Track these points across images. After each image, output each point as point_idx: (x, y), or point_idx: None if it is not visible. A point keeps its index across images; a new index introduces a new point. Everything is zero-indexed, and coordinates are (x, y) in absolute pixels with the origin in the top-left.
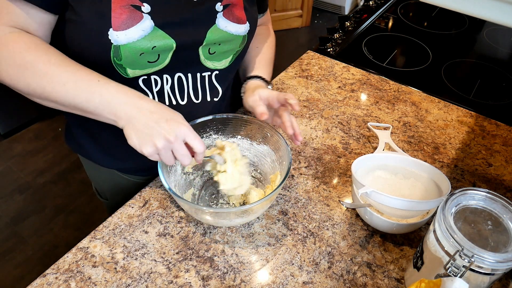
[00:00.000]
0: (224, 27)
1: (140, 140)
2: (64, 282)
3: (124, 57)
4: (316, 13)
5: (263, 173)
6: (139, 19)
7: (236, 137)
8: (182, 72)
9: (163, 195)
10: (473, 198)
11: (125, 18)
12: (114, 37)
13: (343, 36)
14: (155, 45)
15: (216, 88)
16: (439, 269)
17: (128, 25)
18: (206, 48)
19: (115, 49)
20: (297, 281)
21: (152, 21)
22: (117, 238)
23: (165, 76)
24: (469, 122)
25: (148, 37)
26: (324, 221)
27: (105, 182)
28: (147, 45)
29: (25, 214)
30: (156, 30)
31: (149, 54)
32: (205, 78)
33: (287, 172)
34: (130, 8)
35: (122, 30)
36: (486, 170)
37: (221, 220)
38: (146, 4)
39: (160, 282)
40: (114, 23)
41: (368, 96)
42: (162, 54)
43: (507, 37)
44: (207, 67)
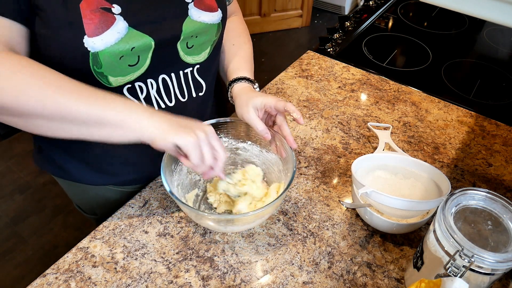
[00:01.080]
0: (198, 18)
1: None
2: (64, 282)
3: (104, 63)
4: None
5: (269, 181)
6: (111, 21)
7: (247, 142)
8: (165, 73)
9: (163, 195)
10: (473, 198)
11: (97, 22)
12: (91, 44)
13: (343, 36)
14: (133, 46)
15: (200, 83)
16: (439, 269)
17: (102, 29)
18: (184, 43)
19: (94, 56)
20: (297, 281)
21: (125, 22)
22: (117, 238)
23: (149, 81)
24: (469, 122)
25: (125, 39)
26: (324, 221)
27: (94, 199)
28: (125, 47)
29: (25, 214)
30: (131, 30)
31: (129, 57)
32: (187, 75)
33: (290, 181)
34: (100, 11)
35: (97, 35)
36: (486, 170)
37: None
38: (115, 5)
39: (160, 282)
40: (88, 29)
41: (368, 96)
42: (142, 55)
43: (507, 37)
44: (187, 63)
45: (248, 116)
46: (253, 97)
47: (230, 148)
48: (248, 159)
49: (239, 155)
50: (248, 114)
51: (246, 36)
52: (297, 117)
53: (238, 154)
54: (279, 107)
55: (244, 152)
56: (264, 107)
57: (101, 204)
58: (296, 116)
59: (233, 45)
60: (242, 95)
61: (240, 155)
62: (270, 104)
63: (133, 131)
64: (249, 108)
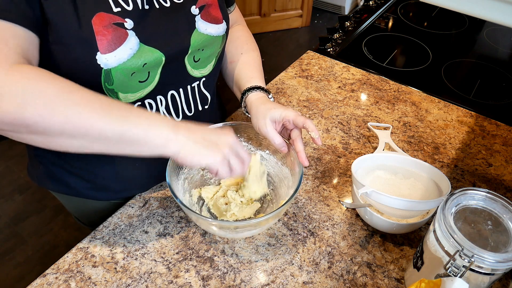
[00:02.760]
0: (205, 30)
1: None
2: (64, 282)
3: (116, 80)
4: (316, 13)
5: (277, 195)
6: (124, 37)
7: (265, 151)
8: (174, 89)
9: (163, 195)
10: (473, 198)
11: (110, 39)
12: (104, 61)
13: (343, 36)
14: (145, 62)
15: (206, 96)
16: (439, 269)
17: (115, 45)
18: (191, 57)
19: (106, 73)
20: (297, 281)
21: (137, 38)
22: (117, 238)
23: (159, 98)
24: (469, 122)
25: (137, 55)
26: (324, 221)
27: (95, 212)
28: (137, 63)
29: (25, 214)
30: (142, 46)
31: (140, 73)
32: (194, 89)
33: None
34: (113, 27)
35: (110, 52)
36: (486, 170)
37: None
38: (128, 19)
39: (160, 282)
40: (100, 46)
41: (368, 96)
42: (152, 71)
43: (507, 37)
44: (194, 77)
45: (265, 130)
46: (271, 109)
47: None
48: None
49: None
50: (266, 127)
51: (253, 44)
52: (316, 137)
53: None
54: (298, 123)
55: (261, 160)
56: (282, 120)
57: (101, 217)
58: (314, 136)
59: (241, 54)
60: (259, 106)
61: None
62: (289, 117)
63: (157, 148)
64: (267, 121)
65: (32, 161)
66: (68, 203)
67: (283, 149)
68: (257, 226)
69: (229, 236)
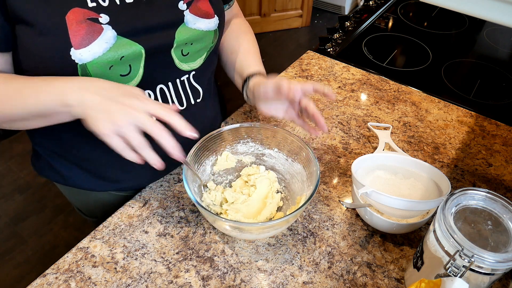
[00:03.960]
0: (194, 25)
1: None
2: (64, 282)
3: (94, 74)
4: (316, 13)
5: (291, 191)
6: (99, 31)
7: (273, 150)
8: (162, 83)
9: (163, 195)
10: (473, 198)
11: (83, 34)
12: (78, 56)
13: (343, 36)
14: (123, 54)
15: (197, 89)
16: (439, 269)
17: (89, 40)
18: (178, 50)
19: (82, 68)
20: (297, 281)
21: (113, 31)
22: (117, 238)
23: (147, 92)
24: (469, 122)
25: (114, 48)
26: (324, 221)
27: (95, 203)
28: (114, 56)
29: (25, 214)
30: (120, 39)
31: (119, 66)
32: (184, 82)
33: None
34: (87, 22)
35: (85, 46)
36: (486, 170)
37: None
38: (103, 14)
39: (160, 282)
40: (74, 41)
41: (368, 96)
42: (134, 65)
43: (507, 37)
44: (183, 70)
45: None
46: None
47: (256, 153)
48: (273, 166)
49: (265, 161)
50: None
51: (251, 34)
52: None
53: (263, 160)
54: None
55: (270, 159)
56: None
57: (102, 208)
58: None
59: (240, 45)
60: (257, 86)
61: (265, 162)
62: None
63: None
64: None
65: (34, 152)
66: (69, 194)
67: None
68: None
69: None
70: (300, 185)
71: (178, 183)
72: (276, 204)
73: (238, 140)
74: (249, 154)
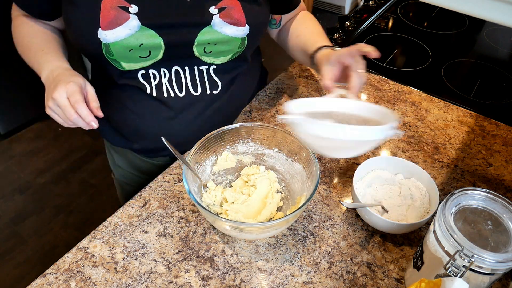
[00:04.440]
0: (220, 28)
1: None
2: (64, 282)
3: (115, 52)
4: (316, 13)
5: (291, 191)
6: (125, 19)
7: (273, 150)
8: (179, 66)
9: (163, 195)
10: (473, 198)
11: (112, 18)
12: (103, 36)
13: (343, 36)
14: (142, 42)
15: (215, 82)
16: (439, 269)
17: (115, 24)
18: (201, 47)
19: (105, 46)
20: (297, 281)
21: (138, 21)
22: (117, 238)
23: (162, 70)
24: (469, 122)
25: (135, 35)
26: (324, 221)
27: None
28: (134, 43)
29: (25, 214)
30: (143, 29)
31: (138, 50)
32: (203, 72)
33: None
34: (117, 9)
35: (109, 29)
36: (486, 170)
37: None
38: (133, 5)
39: (160, 282)
40: (102, 23)
41: (368, 96)
42: (153, 51)
43: (507, 37)
44: (204, 61)
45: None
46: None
47: (256, 153)
48: (273, 166)
49: (265, 161)
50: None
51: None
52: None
53: (263, 160)
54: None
55: (270, 159)
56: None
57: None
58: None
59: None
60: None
61: (265, 162)
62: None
63: None
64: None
65: None
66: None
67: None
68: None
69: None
70: (300, 185)
71: (178, 183)
72: (276, 204)
73: (238, 140)
74: (249, 154)
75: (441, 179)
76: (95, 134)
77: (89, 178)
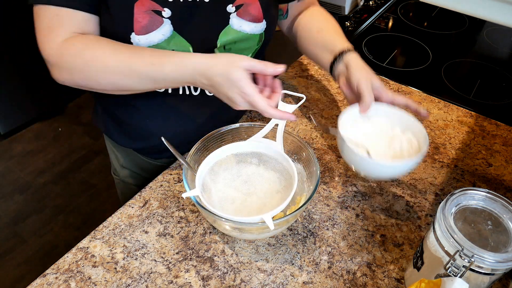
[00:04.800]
0: (239, 27)
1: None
2: (64, 282)
3: None
4: None
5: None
6: (159, 24)
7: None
8: None
9: (163, 195)
10: (473, 198)
11: (146, 23)
12: (136, 41)
13: None
14: (173, 48)
15: None
16: (439, 269)
17: (149, 29)
18: (221, 49)
19: None
20: (297, 281)
21: (171, 26)
22: (117, 238)
23: None
24: (469, 122)
25: (167, 41)
26: (324, 221)
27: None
28: (165, 48)
29: (25, 214)
30: (174, 34)
31: None
32: None
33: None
34: (151, 13)
35: (143, 34)
36: (486, 170)
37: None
38: (167, 9)
39: (160, 282)
40: (136, 27)
41: None
42: None
43: (507, 37)
44: None
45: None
46: (375, 77)
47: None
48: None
49: (265, 161)
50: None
51: (334, 19)
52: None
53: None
54: (400, 101)
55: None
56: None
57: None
58: (422, 111)
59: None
60: (364, 66)
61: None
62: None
63: None
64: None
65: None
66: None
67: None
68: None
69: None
70: (300, 185)
71: (178, 183)
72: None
73: (238, 140)
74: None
75: (441, 179)
76: (95, 134)
77: (89, 178)
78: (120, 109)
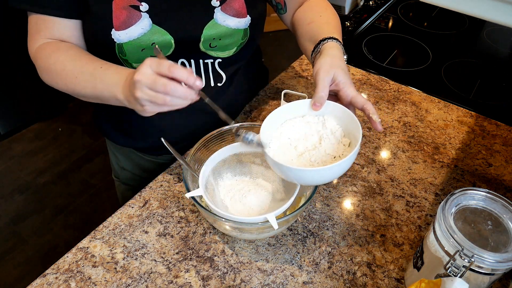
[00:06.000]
0: (223, 22)
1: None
2: (64, 282)
3: (128, 53)
4: None
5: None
6: (137, 18)
7: None
8: (185, 58)
9: (163, 195)
10: (473, 198)
11: (124, 18)
12: (117, 36)
13: (343, 36)
14: (153, 41)
15: (220, 74)
16: (439, 269)
17: (127, 24)
18: (206, 43)
19: (119, 46)
20: (297, 281)
21: (150, 19)
22: (117, 238)
23: None
24: (469, 122)
25: (148, 34)
26: (324, 221)
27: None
28: (146, 42)
29: (25, 214)
30: (154, 27)
31: (150, 49)
32: (208, 65)
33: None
34: (128, 8)
35: (123, 29)
36: (486, 170)
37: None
38: (144, 3)
39: (160, 282)
40: (115, 23)
41: (368, 96)
42: (164, 49)
43: (507, 37)
44: (209, 55)
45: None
46: (340, 70)
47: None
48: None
49: (265, 161)
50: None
51: (331, 9)
52: (377, 121)
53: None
54: (357, 102)
55: None
56: (341, 88)
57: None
58: (376, 119)
59: (321, 16)
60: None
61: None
62: (349, 93)
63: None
64: (330, 71)
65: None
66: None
67: (317, 106)
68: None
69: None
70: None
71: (178, 183)
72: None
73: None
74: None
75: (441, 179)
76: (95, 134)
77: (89, 178)
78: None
